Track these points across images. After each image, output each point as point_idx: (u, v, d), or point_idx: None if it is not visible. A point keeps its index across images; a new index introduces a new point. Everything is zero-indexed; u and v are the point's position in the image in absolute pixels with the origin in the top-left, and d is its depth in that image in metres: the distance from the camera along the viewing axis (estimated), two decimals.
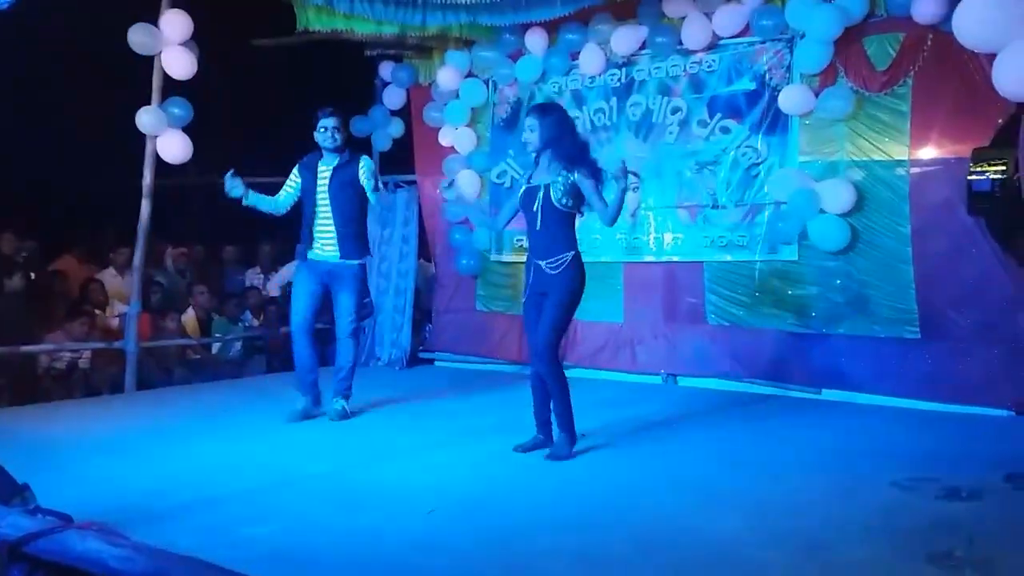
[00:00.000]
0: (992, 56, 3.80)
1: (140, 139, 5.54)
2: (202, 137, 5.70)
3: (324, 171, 4.57)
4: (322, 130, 4.52)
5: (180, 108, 5.56)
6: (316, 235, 4.58)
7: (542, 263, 3.72)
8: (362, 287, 4.68)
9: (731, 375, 5.60)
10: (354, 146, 4.92)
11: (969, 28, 3.59)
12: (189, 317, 6.47)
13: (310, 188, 4.58)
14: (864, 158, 5.18)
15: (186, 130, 5.61)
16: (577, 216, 3.79)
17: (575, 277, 3.70)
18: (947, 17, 4.47)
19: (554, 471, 3.55)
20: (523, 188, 3.84)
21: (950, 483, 3.11)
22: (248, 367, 6.54)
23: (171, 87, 5.57)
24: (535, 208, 3.73)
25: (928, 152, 5.00)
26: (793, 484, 3.29)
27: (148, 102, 5.50)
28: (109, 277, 6.40)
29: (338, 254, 4.54)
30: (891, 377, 5.04)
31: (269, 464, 3.67)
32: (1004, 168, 2.56)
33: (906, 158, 5.04)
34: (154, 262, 6.76)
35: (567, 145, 3.72)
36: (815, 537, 2.65)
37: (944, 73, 4.82)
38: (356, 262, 4.59)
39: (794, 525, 2.78)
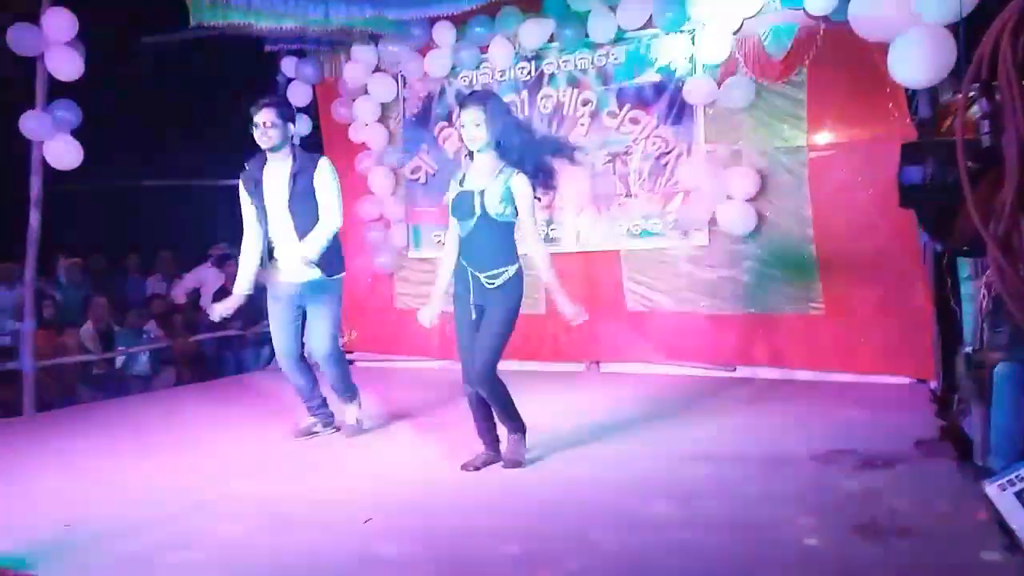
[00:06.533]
0: (882, 45, 4.01)
1: (25, 145, 5.17)
2: (93, 141, 5.36)
3: (274, 177, 3.96)
4: (254, 127, 3.89)
5: (68, 111, 5.22)
6: (278, 255, 4.01)
7: (480, 275, 3.34)
8: (339, 304, 4.10)
9: (651, 359, 5.74)
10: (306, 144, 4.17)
11: (865, 19, 3.76)
12: (88, 331, 6.11)
13: (260, 202, 3.96)
14: (765, 145, 5.39)
15: (75, 134, 5.27)
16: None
17: (516, 292, 3.36)
18: (838, 8, 4.69)
19: (486, 469, 3.51)
20: (456, 193, 3.39)
21: (866, 453, 3.28)
22: (156, 381, 6.24)
23: (57, 89, 5.21)
24: (468, 217, 3.32)
25: (824, 138, 5.26)
26: (718, 464, 3.39)
27: (32, 106, 5.13)
28: None
29: (311, 271, 3.95)
30: (799, 352, 5.29)
31: (188, 485, 3.49)
32: (933, 160, 2.69)
33: (804, 144, 5.28)
34: (46, 274, 6.35)
35: (515, 140, 3.29)
36: (746, 517, 2.75)
37: (837, 62, 5.05)
38: (335, 276, 4.04)
39: (724, 506, 2.87)
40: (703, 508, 2.87)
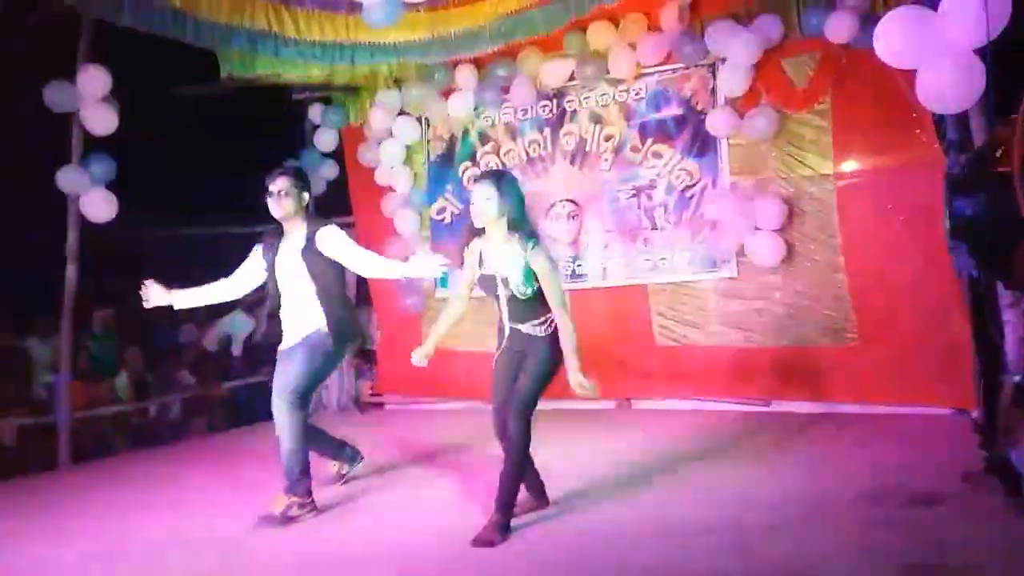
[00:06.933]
0: (907, 71, 3.97)
1: (61, 200, 5.28)
2: (127, 193, 5.48)
3: (286, 251, 3.79)
4: (268, 195, 3.73)
5: (101, 164, 5.34)
6: (284, 325, 3.86)
7: (521, 327, 3.32)
8: (321, 357, 3.76)
9: (682, 395, 5.65)
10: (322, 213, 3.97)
11: (889, 45, 3.73)
12: (122, 381, 6.17)
13: (271, 274, 3.83)
14: (792, 174, 5.35)
15: (109, 186, 5.39)
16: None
17: (557, 341, 3.27)
18: (860, 35, 4.69)
19: (525, 516, 3.41)
20: (479, 276, 3.38)
21: (912, 489, 3.18)
22: (189, 428, 6.27)
23: (91, 143, 5.34)
24: (498, 295, 3.33)
25: (851, 165, 5.21)
26: (762, 506, 3.30)
27: (67, 160, 5.26)
28: (34, 345, 6.06)
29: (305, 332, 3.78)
30: (834, 384, 5.17)
31: (223, 536, 3.47)
32: (986, 192, 2.60)
33: (831, 172, 5.24)
34: (82, 325, 6.44)
35: (525, 219, 3.31)
36: (794, 559, 2.67)
37: (860, 89, 5.02)
38: (330, 334, 3.77)
39: (770, 548, 2.79)
40: (750, 551, 2.79)
